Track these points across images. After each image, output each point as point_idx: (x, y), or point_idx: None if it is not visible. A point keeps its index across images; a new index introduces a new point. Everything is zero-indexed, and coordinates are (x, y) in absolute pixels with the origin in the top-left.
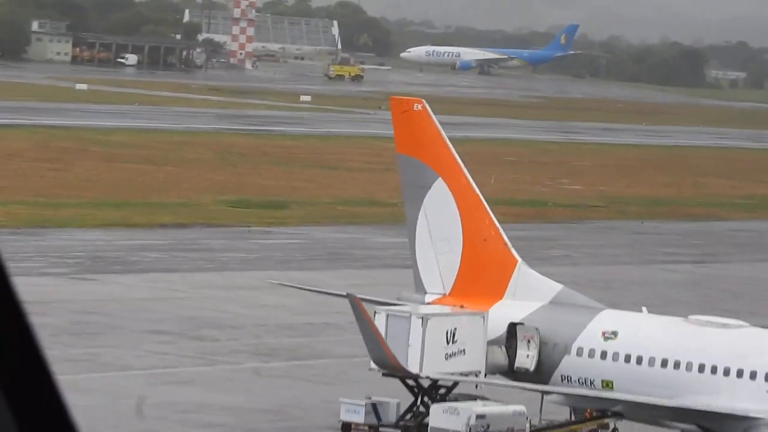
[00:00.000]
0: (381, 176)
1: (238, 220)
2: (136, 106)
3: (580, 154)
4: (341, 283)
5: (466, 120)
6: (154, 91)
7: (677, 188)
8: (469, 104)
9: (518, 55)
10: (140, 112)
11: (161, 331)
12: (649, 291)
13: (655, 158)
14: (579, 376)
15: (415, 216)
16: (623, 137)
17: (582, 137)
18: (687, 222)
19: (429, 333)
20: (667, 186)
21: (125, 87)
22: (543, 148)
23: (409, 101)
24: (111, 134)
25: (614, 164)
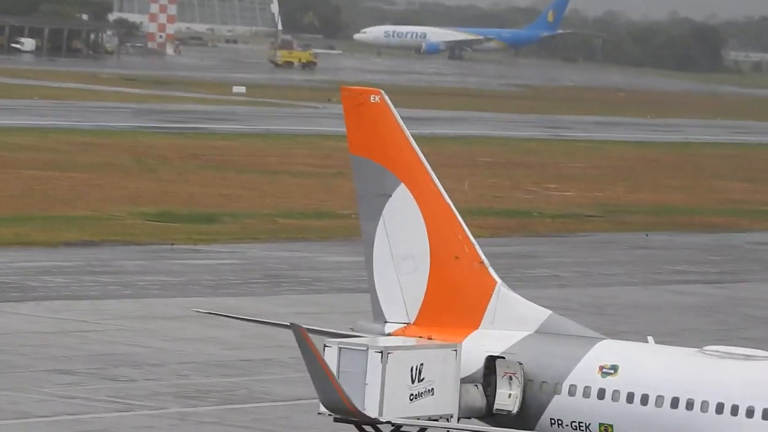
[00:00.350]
0: (331, 182)
1: (159, 236)
2: (34, 100)
3: (570, 154)
4: (284, 311)
5: (434, 114)
6: (56, 83)
7: (689, 194)
8: (437, 95)
9: (496, 36)
10: (40, 108)
11: (67, 370)
12: (656, 317)
13: (661, 158)
14: (572, 419)
15: (373, 230)
16: (623, 133)
17: (573, 133)
18: (701, 234)
19: (390, 370)
20: (677, 191)
21: (21, 78)
22: (526, 147)
23: (364, 92)
24: (5, 135)
25: (612, 165)
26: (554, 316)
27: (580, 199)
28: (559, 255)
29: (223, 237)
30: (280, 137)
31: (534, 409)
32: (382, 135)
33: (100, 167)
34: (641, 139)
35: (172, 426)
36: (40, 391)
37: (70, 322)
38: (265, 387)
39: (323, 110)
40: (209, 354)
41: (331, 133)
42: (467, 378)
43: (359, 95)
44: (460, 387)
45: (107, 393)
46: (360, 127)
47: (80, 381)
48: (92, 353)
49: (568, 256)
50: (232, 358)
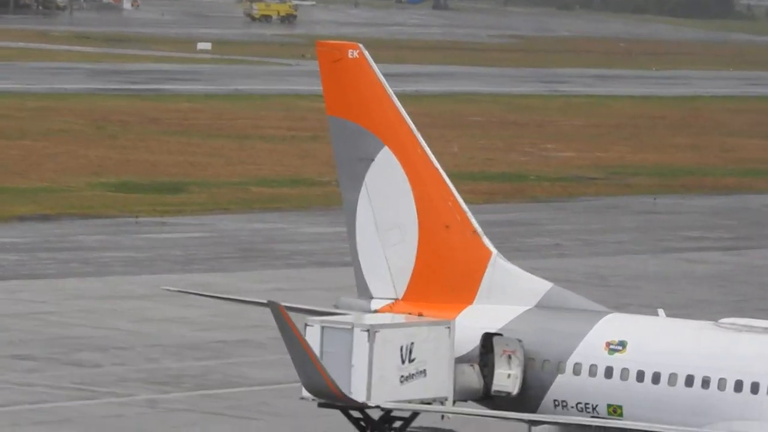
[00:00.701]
0: (307, 147)
1: (121, 208)
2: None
3: (568, 111)
4: (259, 287)
5: (418, 69)
6: (2, 42)
7: (699, 153)
8: (421, 49)
9: None
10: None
11: (25, 355)
12: (666, 288)
13: (668, 114)
14: (578, 400)
15: (355, 198)
16: (625, 87)
17: (571, 88)
18: (712, 197)
19: (378, 350)
20: (686, 150)
21: None
22: (520, 104)
23: (341, 47)
24: None
25: (614, 123)
26: (555, 289)
27: (581, 160)
28: (559, 222)
29: (190, 208)
30: (249, 98)
31: (535, 390)
32: (362, 93)
33: (54, 134)
34: (645, 93)
35: (141, 414)
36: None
37: (27, 303)
38: (240, 370)
39: (296, 67)
40: (180, 336)
41: (305, 93)
42: (462, 357)
43: (336, 50)
44: (455, 367)
45: (70, 380)
46: (338, 85)
47: (40, 367)
48: (52, 337)
49: (568, 222)
50: (205, 339)
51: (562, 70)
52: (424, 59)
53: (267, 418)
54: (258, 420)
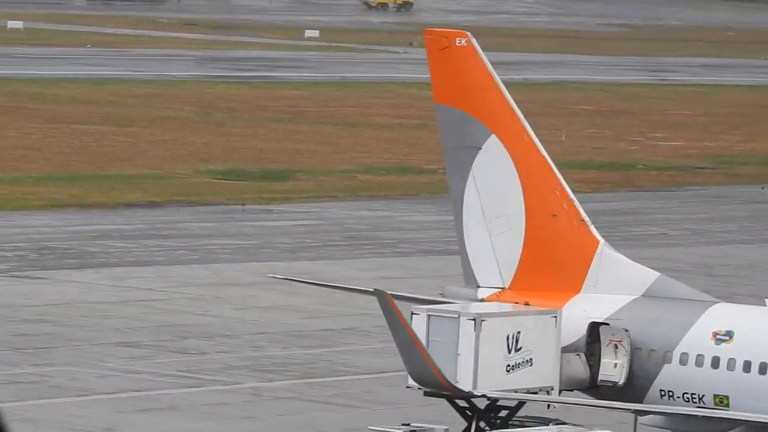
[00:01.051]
0: (415, 134)
1: (228, 196)
2: (88, 48)
3: (677, 100)
4: (366, 276)
5: (526, 58)
6: (111, 29)
7: None
8: (528, 37)
9: None
10: (94, 57)
11: (131, 343)
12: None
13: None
14: (684, 390)
15: (462, 186)
16: (734, 76)
17: (680, 77)
18: None
19: (484, 339)
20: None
21: (73, 24)
22: (628, 93)
23: (450, 35)
24: (56, 86)
25: (723, 112)
26: (662, 278)
27: (689, 149)
28: (667, 211)
29: (297, 196)
30: (357, 85)
31: (642, 379)
32: (470, 81)
33: (161, 121)
34: (755, 82)
35: (246, 402)
36: (103, 366)
37: (134, 290)
38: (347, 359)
39: (404, 55)
40: (286, 323)
41: (413, 81)
42: (568, 347)
43: (444, 38)
44: (561, 357)
45: (176, 367)
46: (445, 73)
47: (146, 354)
48: (158, 324)
49: (676, 212)
50: (311, 327)
51: (670, 59)
52: (531, 47)
53: (373, 406)
54: (363, 408)
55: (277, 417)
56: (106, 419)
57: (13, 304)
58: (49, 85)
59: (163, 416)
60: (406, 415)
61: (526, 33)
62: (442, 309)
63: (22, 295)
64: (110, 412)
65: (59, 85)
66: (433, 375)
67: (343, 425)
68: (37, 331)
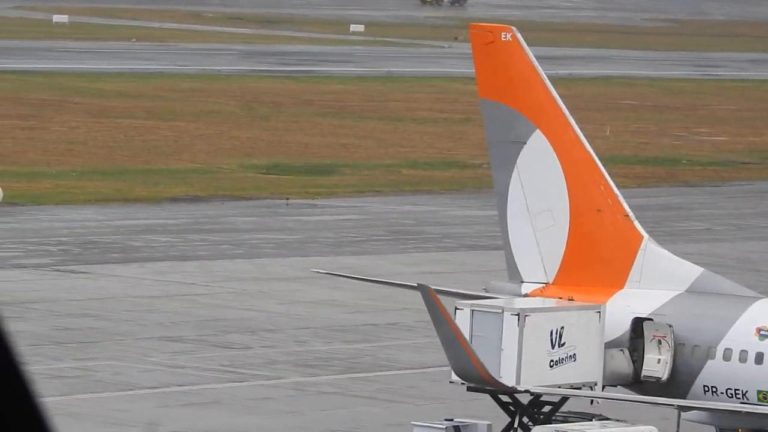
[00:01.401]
0: (459, 129)
1: (272, 190)
2: (132, 42)
3: (722, 95)
4: (410, 270)
5: (571, 53)
6: (156, 23)
7: None
8: (574, 32)
9: None
10: (139, 51)
11: (174, 337)
12: None
13: None
14: (728, 386)
15: (507, 181)
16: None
17: (725, 72)
18: None
19: (528, 334)
20: None
21: (118, 18)
22: (673, 88)
23: (494, 29)
24: (101, 81)
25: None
26: (706, 274)
27: (734, 144)
28: (711, 206)
29: (341, 190)
30: (402, 80)
31: (685, 375)
32: (515, 76)
33: (206, 115)
34: None
35: (290, 397)
36: (146, 361)
37: (177, 285)
38: (390, 353)
39: (449, 50)
40: (329, 318)
41: (458, 75)
42: (612, 342)
43: (489, 33)
44: (605, 352)
45: (219, 362)
46: (490, 67)
47: (189, 349)
48: (202, 319)
49: (720, 207)
50: (355, 322)
51: (716, 54)
52: (577, 42)
53: (416, 401)
54: (406, 404)
55: (320, 412)
56: (150, 414)
57: (56, 299)
58: (94, 80)
59: (206, 411)
60: (449, 410)
61: (571, 28)
62: (486, 304)
63: (65, 290)
64: (153, 406)
65: (104, 80)
66: (477, 370)
67: (385, 420)
68: (80, 325)
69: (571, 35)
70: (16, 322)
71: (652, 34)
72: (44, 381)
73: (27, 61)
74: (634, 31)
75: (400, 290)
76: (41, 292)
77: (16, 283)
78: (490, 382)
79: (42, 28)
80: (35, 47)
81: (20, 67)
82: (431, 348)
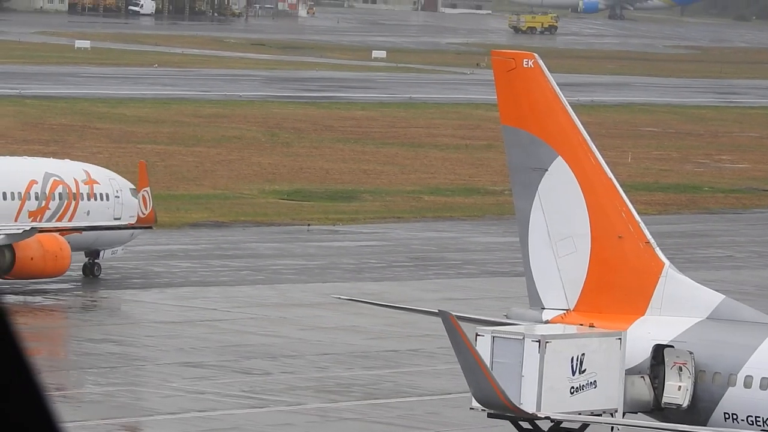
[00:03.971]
0: (481, 156)
1: (293, 216)
2: (154, 68)
3: (744, 123)
4: (431, 297)
5: (593, 79)
6: (177, 48)
7: None
8: (596, 58)
9: None
10: (160, 77)
11: (195, 363)
12: None
13: None
14: (748, 413)
15: (528, 207)
16: None
17: (747, 99)
18: None
19: (549, 360)
20: None
21: (140, 44)
22: (695, 115)
23: (517, 56)
24: (122, 106)
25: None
26: (728, 301)
27: (756, 171)
28: (733, 233)
29: (363, 216)
30: (424, 106)
31: (706, 402)
32: (537, 103)
33: (228, 141)
34: None
35: (311, 423)
36: (167, 386)
37: (199, 310)
38: (411, 380)
39: (471, 76)
40: (350, 344)
41: (480, 102)
42: (633, 369)
43: (511, 60)
44: (625, 379)
45: (240, 387)
46: (512, 94)
47: (210, 375)
48: (223, 344)
49: (742, 234)
50: (376, 348)
51: (737, 81)
52: (599, 69)
53: (437, 428)
54: (428, 430)
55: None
56: None
57: (76, 324)
58: (116, 105)
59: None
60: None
61: (593, 55)
62: (507, 330)
63: (86, 314)
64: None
65: (126, 105)
66: (497, 397)
67: None
68: (100, 350)
69: (594, 62)
70: (37, 346)
71: (674, 61)
72: (63, 405)
73: (50, 87)
74: (656, 59)
75: (421, 316)
76: (61, 317)
77: (35, 307)
78: (510, 408)
79: (64, 54)
80: (58, 72)
81: (43, 93)
82: (452, 374)
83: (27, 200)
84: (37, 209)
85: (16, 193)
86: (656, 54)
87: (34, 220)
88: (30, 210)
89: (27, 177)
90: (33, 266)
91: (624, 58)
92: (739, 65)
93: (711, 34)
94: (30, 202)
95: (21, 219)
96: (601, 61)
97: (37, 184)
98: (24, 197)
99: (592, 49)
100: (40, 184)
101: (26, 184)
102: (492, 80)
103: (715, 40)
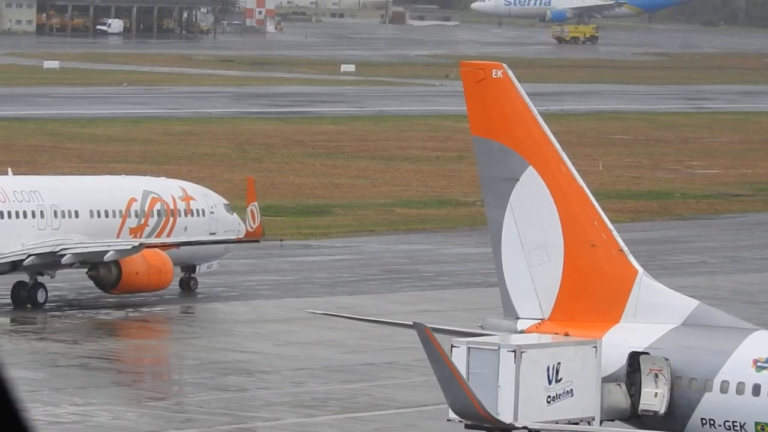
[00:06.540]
0: (452, 167)
1: (265, 232)
2: (124, 87)
3: (714, 128)
4: (406, 309)
5: (562, 88)
6: (147, 66)
7: None
8: (565, 67)
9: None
10: (130, 95)
11: (172, 380)
12: None
13: None
14: (725, 418)
15: (500, 218)
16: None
17: (716, 105)
18: None
19: (524, 370)
20: None
21: (108, 63)
22: (665, 122)
23: (485, 67)
24: (92, 126)
25: (761, 139)
26: (702, 307)
27: (727, 176)
28: (706, 239)
29: (335, 230)
30: (394, 119)
31: (683, 408)
32: (507, 113)
33: (199, 158)
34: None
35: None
36: (144, 405)
37: (174, 327)
38: (387, 393)
39: (440, 88)
40: (326, 359)
41: (450, 113)
42: (609, 377)
43: (480, 70)
44: (602, 387)
45: (216, 404)
46: (482, 105)
47: (187, 392)
48: (199, 362)
49: (715, 239)
50: (351, 362)
51: (707, 87)
52: (568, 78)
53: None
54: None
55: None
56: None
57: (52, 345)
58: (86, 125)
59: None
60: None
61: (562, 63)
62: (482, 341)
63: (63, 334)
64: None
65: (96, 124)
66: (474, 407)
67: None
68: (72, 369)
69: (563, 71)
70: (15, 369)
71: (643, 68)
72: (42, 427)
73: (19, 108)
74: (625, 66)
75: (396, 329)
76: (17, 344)
77: None
78: (487, 419)
79: (33, 75)
80: (27, 93)
81: (12, 114)
82: (428, 386)
83: (128, 217)
84: (137, 226)
85: (117, 211)
86: (625, 61)
87: (134, 237)
88: (131, 227)
89: (127, 195)
90: (138, 281)
91: (593, 66)
92: (708, 71)
93: (679, 41)
94: (130, 220)
95: (122, 236)
96: (570, 69)
97: (137, 201)
98: (125, 215)
99: (561, 58)
100: (139, 202)
101: (126, 202)
102: (461, 91)
103: (683, 47)
